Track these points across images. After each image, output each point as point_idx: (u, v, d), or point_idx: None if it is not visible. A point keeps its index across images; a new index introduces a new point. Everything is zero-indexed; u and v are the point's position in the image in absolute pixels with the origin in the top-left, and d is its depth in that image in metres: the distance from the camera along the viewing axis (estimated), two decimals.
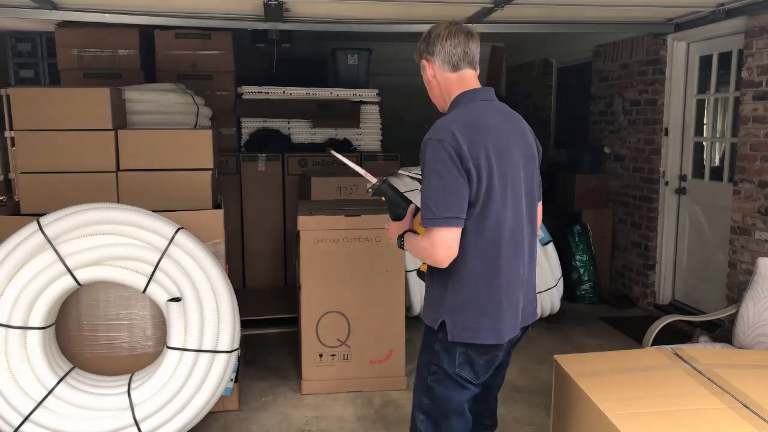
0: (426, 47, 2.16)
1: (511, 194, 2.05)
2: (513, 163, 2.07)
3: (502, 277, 2.05)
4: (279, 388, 3.98)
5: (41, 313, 2.88)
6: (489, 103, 2.16)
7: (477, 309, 2.04)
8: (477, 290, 2.04)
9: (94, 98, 3.50)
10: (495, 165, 2.00)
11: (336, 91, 5.95)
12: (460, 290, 2.06)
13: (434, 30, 2.15)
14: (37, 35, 6.39)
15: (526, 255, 2.13)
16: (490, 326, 2.05)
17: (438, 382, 2.14)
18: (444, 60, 2.14)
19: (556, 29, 5.17)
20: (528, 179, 2.13)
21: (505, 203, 2.03)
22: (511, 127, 2.14)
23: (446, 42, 2.12)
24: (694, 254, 5.23)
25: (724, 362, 2.64)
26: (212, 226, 3.50)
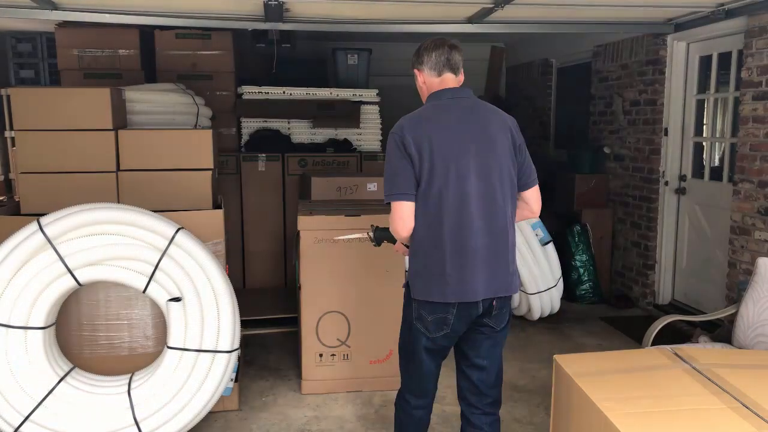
0: (417, 59, 2.57)
1: (454, 175, 2.39)
2: (460, 150, 2.41)
3: (446, 247, 2.40)
4: (279, 387, 3.99)
5: (41, 313, 2.89)
6: (453, 100, 2.51)
7: (427, 273, 2.44)
8: (426, 258, 2.44)
9: (94, 98, 3.51)
10: (436, 151, 2.38)
11: (336, 91, 5.95)
12: (415, 258, 2.48)
13: (423, 44, 2.56)
14: (37, 35, 6.39)
15: (480, 230, 2.42)
16: (437, 288, 2.42)
17: (405, 328, 2.60)
18: (431, 68, 2.54)
19: (556, 29, 5.17)
20: (482, 164, 2.43)
21: (447, 184, 2.39)
22: (468, 120, 2.47)
23: (432, 53, 2.53)
24: (694, 254, 5.23)
25: (724, 362, 2.64)
26: (212, 226, 3.50)
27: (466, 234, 2.40)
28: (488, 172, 2.44)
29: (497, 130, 2.49)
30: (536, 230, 5.01)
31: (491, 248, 2.44)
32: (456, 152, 2.40)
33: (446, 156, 2.39)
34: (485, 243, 2.42)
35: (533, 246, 4.95)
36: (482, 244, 2.42)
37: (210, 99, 5.25)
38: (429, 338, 2.50)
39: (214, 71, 5.67)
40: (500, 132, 2.49)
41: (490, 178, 2.44)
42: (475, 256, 2.41)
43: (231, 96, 5.77)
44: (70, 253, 2.88)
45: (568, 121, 7.15)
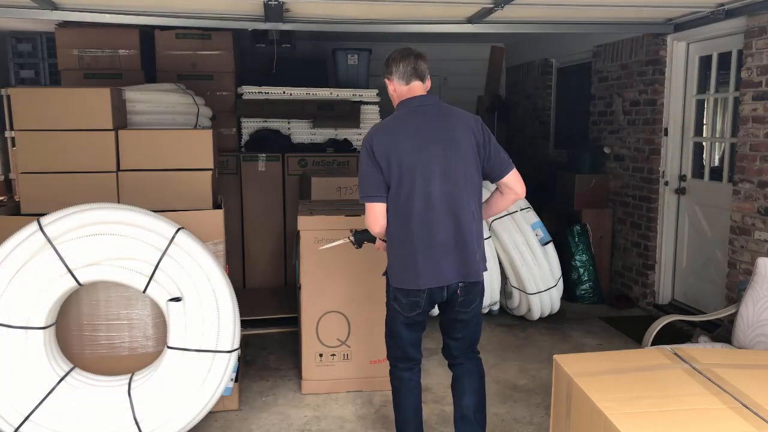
0: (387, 69, 2.84)
1: (420, 177, 2.66)
2: (423, 153, 2.67)
3: (416, 241, 2.70)
4: (279, 387, 3.99)
5: (42, 313, 2.89)
6: (420, 107, 2.76)
7: (401, 264, 2.76)
8: (400, 251, 2.76)
9: (94, 98, 3.51)
10: (403, 157, 2.65)
11: (336, 91, 5.95)
12: (391, 251, 2.80)
13: (391, 55, 2.84)
14: (37, 35, 6.40)
15: (444, 224, 2.70)
16: (410, 277, 2.74)
17: (388, 307, 2.96)
18: (399, 77, 2.80)
19: (556, 29, 5.18)
20: (446, 164, 2.68)
21: (413, 185, 2.66)
22: (433, 125, 2.72)
23: (400, 63, 2.80)
24: (694, 254, 5.23)
25: (724, 362, 2.64)
26: (212, 226, 3.50)
27: (433, 230, 2.69)
28: (452, 173, 2.69)
29: (461, 132, 2.72)
30: (536, 230, 5.01)
31: (457, 240, 2.72)
32: (422, 157, 2.67)
33: (412, 161, 2.66)
34: (451, 235, 2.71)
35: (533, 246, 4.95)
36: (448, 237, 2.71)
37: (210, 99, 5.25)
38: (405, 316, 2.86)
39: (214, 71, 5.67)
40: (463, 134, 2.72)
41: (454, 177, 2.70)
42: (442, 248, 2.71)
43: (231, 96, 5.77)
44: (70, 253, 2.88)
45: (568, 121, 7.16)
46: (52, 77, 6.41)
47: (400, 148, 2.66)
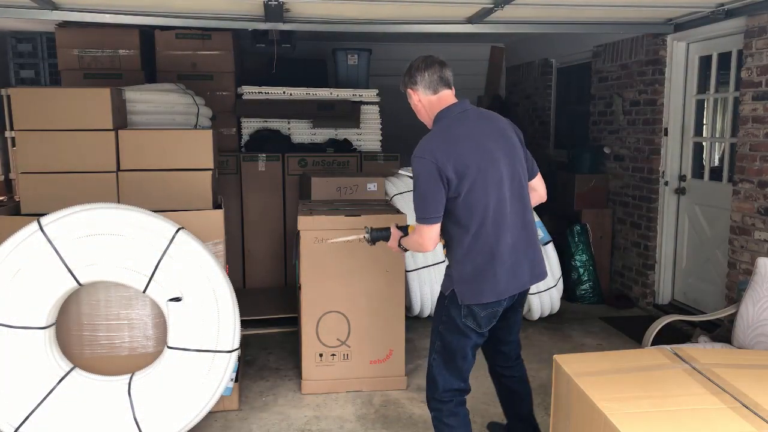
0: (409, 79, 2.69)
1: (492, 183, 2.55)
2: (490, 158, 2.56)
3: (492, 249, 2.56)
4: (279, 387, 3.99)
5: (42, 313, 2.89)
6: (463, 113, 2.64)
7: (477, 278, 2.58)
8: (474, 264, 2.58)
9: (94, 98, 3.51)
10: (471, 165, 2.51)
11: (336, 92, 5.95)
12: (462, 266, 2.60)
13: (413, 64, 2.70)
14: (37, 35, 6.40)
15: (514, 226, 2.62)
16: (489, 288, 2.58)
17: (447, 330, 2.67)
18: (425, 87, 2.66)
19: (556, 29, 5.18)
20: (510, 165, 2.62)
21: (486, 191, 2.54)
22: (486, 128, 2.63)
23: (425, 72, 2.66)
24: (694, 254, 5.23)
25: (724, 362, 2.64)
26: (212, 226, 3.50)
27: (506, 234, 2.59)
28: (516, 174, 2.64)
29: (509, 131, 2.70)
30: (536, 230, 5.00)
31: (527, 241, 2.67)
32: (488, 161, 2.55)
33: (481, 168, 2.53)
34: (522, 237, 2.65)
35: None
36: (521, 240, 2.64)
37: (210, 99, 5.25)
38: (479, 333, 2.65)
39: (214, 71, 5.67)
40: (512, 132, 2.71)
41: (518, 178, 2.65)
42: (516, 252, 2.62)
43: (231, 96, 5.77)
44: (70, 253, 2.88)
45: (568, 121, 7.16)
46: (52, 77, 6.41)
47: (465, 158, 2.51)
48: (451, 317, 2.64)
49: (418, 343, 4.74)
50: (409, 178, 5.32)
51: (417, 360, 4.40)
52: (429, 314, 5.11)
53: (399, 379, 3.96)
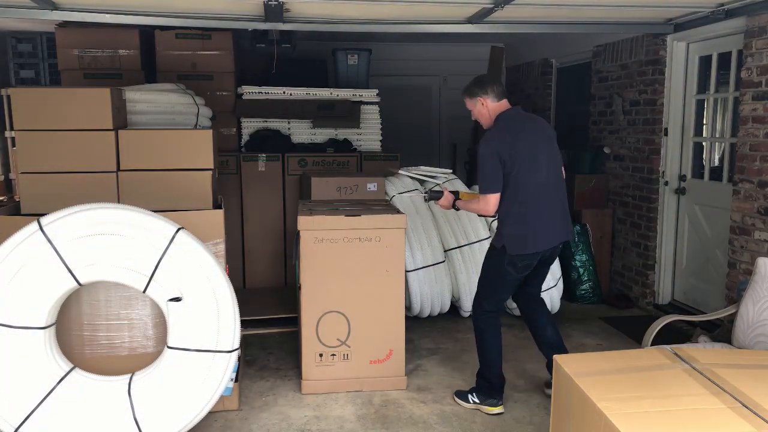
0: (482, 90, 3.55)
1: (535, 165, 3.46)
2: (534, 148, 3.48)
3: (534, 216, 3.47)
4: (279, 387, 3.99)
5: (42, 313, 2.89)
6: (517, 114, 3.57)
7: (522, 235, 3.48)
8: (521, 224, 3.48)
9: (94, 98, 3.51)
10: (520, 152, 3.43)
11: (336, 91, 5.95)
12: (513, 226, 3.49)
13: (485, 80, 3.62)
14: (37, 35, 6.40)
15: (551, 200, 3.54)
16: (531, 243, 3.49)
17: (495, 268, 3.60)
18: (494, 96, 3.56)
19: (556, 29, 5.18)
20: (548, 153, 3.56)
21: (531, 172, 3.45)
22: (532, 126, 3.56)
23: (493, 86, 3.57)
24: (694, 254, 5.23)
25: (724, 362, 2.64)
26: (212, 226, 3.50)
27: (545, 204, 3.51)
28: (553, 158, 3.57)
29: (549, 131, 3.68)
30: None
31: (561, 209, 3.61)
32: (534, 150, 3.47)
33: (527, 153, 3.44)
34: (556, 208, 3.57)
35: None
36: (554, 210, 3.56)
37: (210, 99, 5.25)
38: (517, 276, 3.60)
39: (214, 71, 5.67)
40: (550, 131, 3.68)
41: (555, 163, 3.58)
42: (553, 217, 3.55)
43: (231, 96, 5.77)
44: (70, 253, 2.87)
45: (568, 121, 7.16)
46: (52, 77, 6.41)
47: (519, 146, 3.42)
48: (498, 263, 3.55)
49: (418, 343, 4.74)
50: (410, 178, 5.33)
51: (417, 360, 4.41)
52: (429, 314, 5.11)
53: (399, 379, 3.96)
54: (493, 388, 3.69)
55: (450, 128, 8.47)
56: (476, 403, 3.71)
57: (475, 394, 3.73)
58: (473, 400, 3.72)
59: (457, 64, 8.20)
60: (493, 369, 3.70)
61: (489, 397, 3.68)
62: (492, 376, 3.69)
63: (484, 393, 3.71)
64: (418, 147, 8.22)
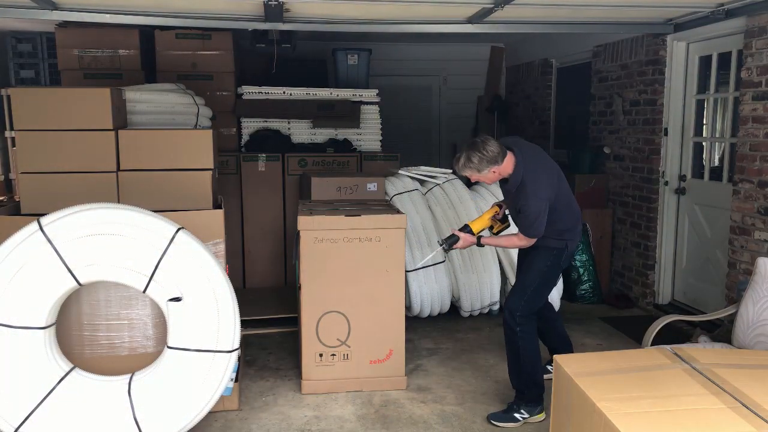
0: (492, 162, 3.41)
1: (561, 177, 3.64)
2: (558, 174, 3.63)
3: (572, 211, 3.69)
4: (279, 387, 3.99)
5: (42, 313, 2.88)
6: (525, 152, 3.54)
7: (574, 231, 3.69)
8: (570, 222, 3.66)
9: (94, 98, 3.51)
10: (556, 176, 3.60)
11: (336, 92, 5.95)
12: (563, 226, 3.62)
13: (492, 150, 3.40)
14: (37, 35, 6.39)
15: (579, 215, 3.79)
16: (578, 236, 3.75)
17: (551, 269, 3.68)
18: (501, 159, 3.42)
19: (556, 29, 5.18)
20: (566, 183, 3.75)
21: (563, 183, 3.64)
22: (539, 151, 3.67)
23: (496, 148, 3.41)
24: (694, 254, 5.23)
25: (724, 362, 2.64)
26: (212, 226, 3.50)
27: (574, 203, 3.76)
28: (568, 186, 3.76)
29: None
30: None
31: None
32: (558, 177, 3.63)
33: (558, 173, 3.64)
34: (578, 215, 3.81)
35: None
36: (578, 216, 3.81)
37: (210, 99, 5.25)
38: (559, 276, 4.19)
39: (214, 71, 5.67)
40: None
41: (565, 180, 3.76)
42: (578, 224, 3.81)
43: (231, 96, 5.77)
44: (70, 253, 2.87)
45: (568, 121, 7.16)
46: (52, 77, 6.41)
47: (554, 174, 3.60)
48: (555, 263, 3.64)
49: (418, 343, 4.74)
50: (410, 178, 5.33)
51: (417, 360, 4.40)
52: (429, 314, 5.11)
53: (399, 379, 3.96)
54: (541, 392, 3.58)
55: (450, 128, 8.47)
56: (525, 418, 3.54)
57: (523, 410, 3.55)
58: (522, 417, 3.54)
59: (457, 64, 8.21)
60: (540, 372, 3.61)
61: (537, 405, 3.56)
62: (540, 380, 3.59)
63: (532, 403, 3.56)
64: (418, 147, 8.22)
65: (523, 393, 3.58)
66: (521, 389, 3.59)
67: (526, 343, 3.55)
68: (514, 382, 3.64)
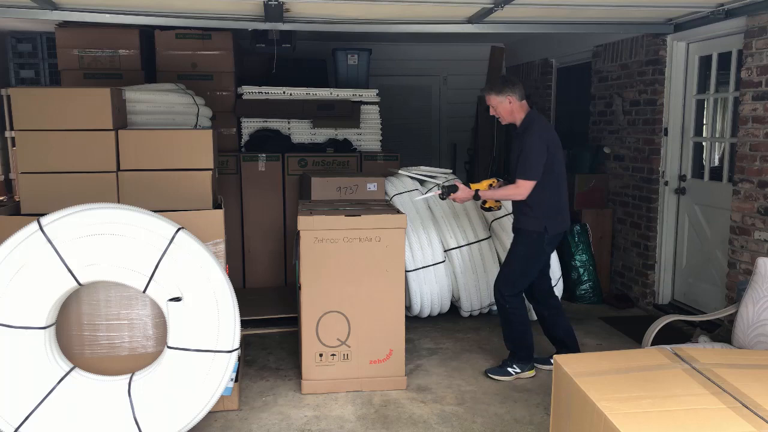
0: (510, 88, 3.88)
1: (561, 157, 3.92)
2: (559, 144, 3.92)
3: (562, 197, 3.96)
4: (279, 387, 3.99)
5: (42, 313, 2.89)
6: (541, 114, 4.02)
7: (554, 216, 3.93)
8: (555, 206, 3.92)
9: (94, 98, 3.50)
10: (554, 146, 3.86)
11: (336, 91, 5.95)
12: (548, 208, 3.89)
13: (508, 80, 3.96)
14: (37, 35, 6.39)
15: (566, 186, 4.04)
16: (562, 222, 4.00)
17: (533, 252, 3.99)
18: (519, 95, 3.92)
19: (556, 29, 5.18)
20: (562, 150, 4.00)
21: (560, 161, 3.91)
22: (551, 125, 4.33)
23: (518, 85, 3.92)
24: (694, 254, 5.23)
25: (724, 362, 2.64)
26: (212, 226, 3.50)
27: (565, 190, 4.01)
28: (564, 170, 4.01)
29: None
30: None
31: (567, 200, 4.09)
32: (559, 147, 3.91)
33: (557, 150, 3.88)
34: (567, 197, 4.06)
35: None
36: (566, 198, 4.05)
37: (210, 99, 5.25)
38: (547, 255, 4.08)
39: (214, 71, 5.67)
40: None
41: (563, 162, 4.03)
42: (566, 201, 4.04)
43: (231, 96, 5.77)
44: (70, 253, 2.88)
45: (568, 121, 7.16)
46: (52, 77, 6.41)
47: (553, 142, 3.86)
48: (537, 245, 3.93)
49: (418, 343, 4.74)
50: (410, 178, 5.33)
51: (417, 360, 4.41)
52: (429, 314, 5.12)
53: (399, 379, 3.96)
54: (530, 353, 4.11)
55: (450, 128, 8.48)
56: (517, 373, 4.07)
57: (515, 365, 4.08)
58: (514, 371, 4.07)
59: (457, 64, 8.21)
60: (529, 336, 4.11)
61: (527, 363, 4.09)
62: (529, 342, 4.11)
63: (522, 361, 4.08)
64: (418, 147, 8.22)
65: (515, 353, 4.12)
66: (513, 350, 4.12)
67: (516, 316, 4.06)
68: (508, 344, 4.16)
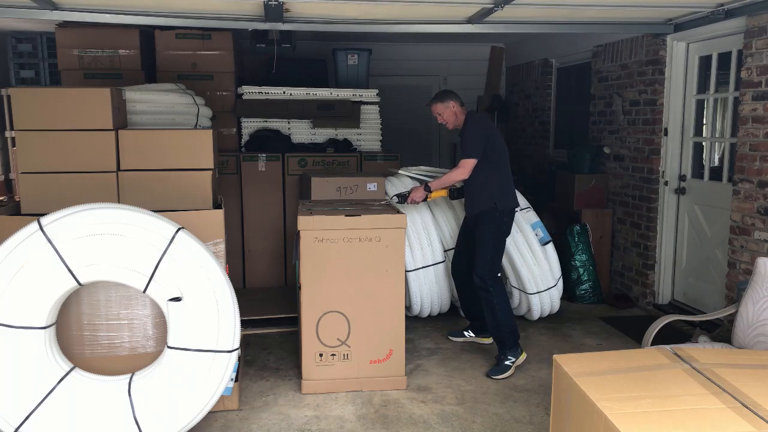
0: (452, 97, 4.35)
1: (503, 144, 4.31)
2: (497, 131, 4.36)
3: (508, 179, 4.31)
4: (279, 387, 3.99)
5: (42, 313, 2.89)
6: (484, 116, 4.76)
7: (506, 193, 4.26)
8: (502, 185, 4.24)
9: (94, 98, 3.51)
10: (496, 133, 4.31)
11: (336, 91, 5.95)
12: (496, 187, 4.19)
13: (448, 91, 4.44)
14: (37, 35, 6.40)
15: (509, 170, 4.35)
16: (512, 199, 4.33)
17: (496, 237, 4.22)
18: (460, 102, 4.36)
19: (556, 29, 5.17)
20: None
21: (502, 147, 4.29)
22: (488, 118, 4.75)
23: (458, 95, 4.38)
24: (694, 254, 5.23)
25: (724, 362, 2.64)
26: (212, 226, 3.50)
27: (510, 174, 4.34)
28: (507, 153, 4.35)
29: None
30: (536, 230, 5.01)
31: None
32: (499, 134, 4.36)
33: (499, 136, 4.32)
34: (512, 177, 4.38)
35: (533, 246, 4.95)
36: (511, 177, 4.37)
37: (210, 99, 5.25)
38: (508, 230, 4.31)
39: (214, 71, 5.67)
40: None
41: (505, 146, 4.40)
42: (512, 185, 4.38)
43: (231, 96, 5.77)
44: (71, 253, 2.88)
45: (568, 121, 7.16)
46: (52, 77, 6.41)
47: (494, 129, 4.33)
48: (498, 224, 4.17)
49: (418, 343, 4.74)
50: (410, 178, 5.33)
51: (417, 360, 4.41)
52: (429, 314, 5.12)
53: (399, 379, 3.96)
54: (516, 337, 4.21)
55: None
56: (514, 362, 4.16)
57: (509, 356, 4.16)
58: (511, 362, 4.15)
59: (457, 64, 8.21)
60: (513, 319, 4.23)
61: (516, 348, 4.20)
62: (514, 326, 4.21)
63: (513, 348, 4.18)
64: (418, 147, 8.22)
65: (504, 342, 4.18)
66: (502, 339, 4.18)
67: (500, 299, 4.18)
68: (494, 334, 4.23)
